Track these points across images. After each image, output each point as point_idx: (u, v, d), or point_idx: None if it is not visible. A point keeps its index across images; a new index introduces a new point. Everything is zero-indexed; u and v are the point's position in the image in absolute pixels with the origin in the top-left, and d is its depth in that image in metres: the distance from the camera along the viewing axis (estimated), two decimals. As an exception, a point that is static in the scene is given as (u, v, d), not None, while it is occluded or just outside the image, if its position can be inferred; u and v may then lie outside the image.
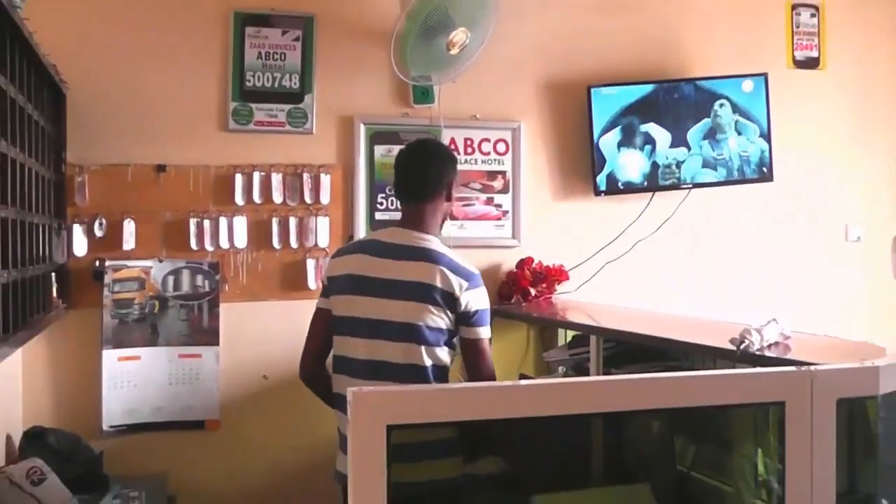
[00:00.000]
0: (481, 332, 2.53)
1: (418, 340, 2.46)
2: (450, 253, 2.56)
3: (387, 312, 2.48)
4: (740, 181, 4.06)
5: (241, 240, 3.55)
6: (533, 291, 3.78)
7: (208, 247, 3.52)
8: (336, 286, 2.60)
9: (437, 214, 2.64)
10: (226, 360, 3.53)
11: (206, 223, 3.52)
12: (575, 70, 3.97)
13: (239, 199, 3.55)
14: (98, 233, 3.41)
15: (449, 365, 2.56)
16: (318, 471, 3.32)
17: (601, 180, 3.92)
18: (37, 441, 3.01)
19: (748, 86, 4.04)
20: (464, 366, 2.60)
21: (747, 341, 2.15)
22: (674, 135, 3.97)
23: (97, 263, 3.41)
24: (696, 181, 4.01)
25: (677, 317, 3.40)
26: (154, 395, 3.45)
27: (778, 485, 1.59)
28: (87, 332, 3.40)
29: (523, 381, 2.59)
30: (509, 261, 3.87)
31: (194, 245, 3.50)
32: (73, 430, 3.21)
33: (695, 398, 1.58)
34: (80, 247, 3.39)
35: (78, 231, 3.39)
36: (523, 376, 3.73)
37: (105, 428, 3.39)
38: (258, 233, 3.59)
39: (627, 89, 3.94)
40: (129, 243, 3.43)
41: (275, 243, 3.59)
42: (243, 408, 3.55)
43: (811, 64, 4.34)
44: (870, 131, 4.22)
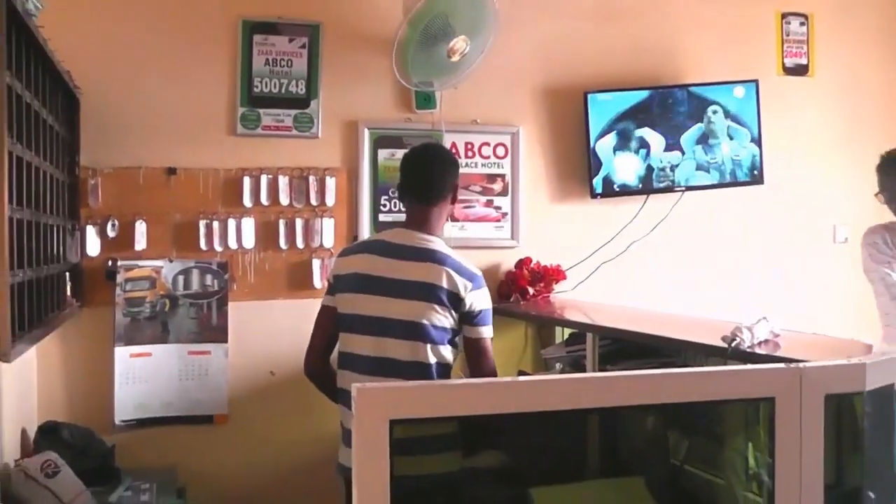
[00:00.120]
0: (484, 332, 2.54)
1: (423, 339, 2.47)
2: (454, 254, 2.56)
3: (393, 311, 2.49)
4: (732, 184, 4.06)
5: (249, 240, 3.56)
6: (531, 290, 3.78)
7: (217, 247, 3.52)
8: (342, 285, 2.60)
9: (442, 216, 2.64)
10: (234, 356, 3.53)
11: (215, 224, 3.52)
12: (572, 77, 3.97)
13: (247, 201, 3.56)
14: (110, 233, 3.41)
15: (452, 363, 2.57)
16: (323, 463, 3.31)
17: (597, 183, 3.92)
18: (51, 435, 3.01)
19: (740, 92, 4.04)
20: (466, 363, 2.60)
21: (738, 339, 2.15)
22: (668, 139, 3.97)
23: (110, 263, 3.42)
24: (690, 184, 4.01)
25: (671, 315, 3.40)
26: (164, 391, 3.45)
27: (768, 478, 1.59)
28: (100, 329, 3.41)
29: (522, 378, 2.59)
30: (508, 261, 3.88)
31: (204, 245, 3.50)
32: (87, 424, 3.20)
33: (688, 394, 1.58)
34: (94, 247, 3.39)
35: (91, 232, 3.39)
36: (522, 373, 3.72)
37: (117, 422, 3.39)
38: (265, 234, 3.59)
39: (623, 95, 3.94)
40: (140, 244, 3.44)
41: (281, 244, 3.59)
42: (251, 403, 3.56)
43: (800, 71, 4.34)
44: (856, 136, 4.22)
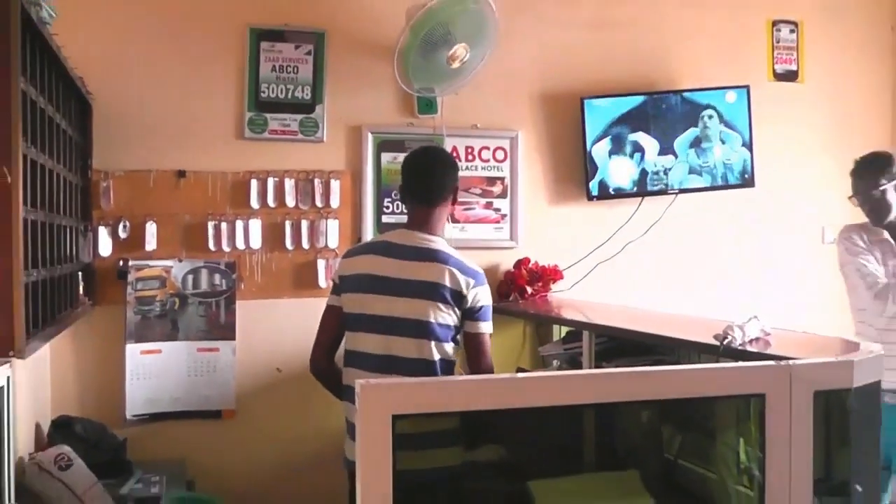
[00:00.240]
0: (483, 327, 2.54)
1: (428, 336, 2.47)
2: (456, 254, 2.56)
3: (398, 310, 2.48)
4: (724, 187, 4.06)
5: (256, 241, 3.56)
6: (529, 290, 3.78)
7: (225, 248, 3.52)
8: (348, 285, 2.59)
9: (443, 217, 2.64)
10: (241, 353, 3.53)
11: (224, 225, 3.52)
12: (569, 83, 3.97)
13: (254, 202, 3.56)
14: (122, 234, 3.42)
15: (455, 360, 2.56)
16: (327, 457, 3.32)
17: (593, 186, 3.92)
18: (64, 429, 3.01)
19: (731, 97, 4.04)
20: (465, 359, 2.60)
21: (730, 337, 2.14)
22: (662, 143, 3.97)
23: (121, 263, 3.42)
24: (683, 187, 4.01)
25: (664, 314, 3.39)
26: (174, 387, 3.46)
27: (758, 472, 1.59)
28: (112, 327, 3.41)
29: (520, 374, 2.58)
30: (507, 261, 3.88)
31: (212, 246, 3.51)
32: (99, 418, 3.21)
33: (681, 390, 1.58)
34: (105, 247, 3.40)
35: (103, 232, 3.39)
36: (520, 369, 3.72)
37: (128, 417, 3.40)
38: (272, 235, 3.59)
39: (618, 101, 3.94)
40: (150, 244, 3.44)
41: (287, 244, 3.59)
42: (257, 398, 3.56)
43: (790, 77, 4.33)
44: (845, 140, 4.21)
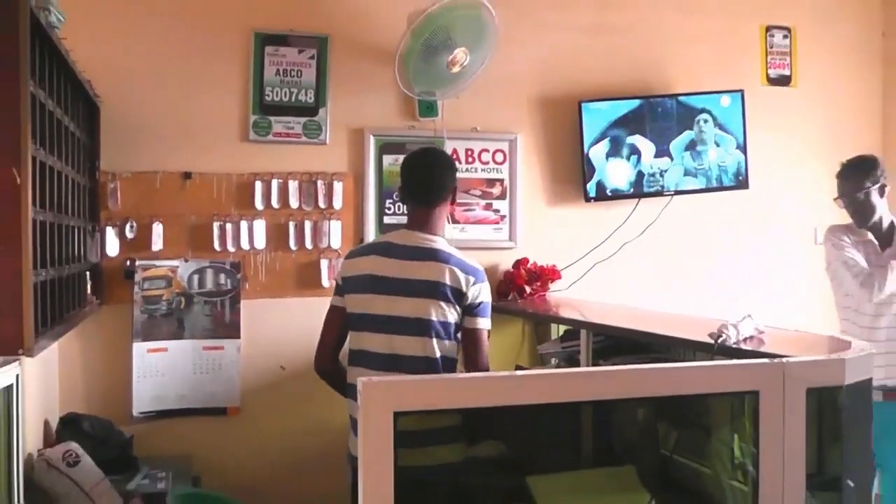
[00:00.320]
0: (481, 323, 2.52)
1: (430, 334, 2.46)
2: (456, 252, 2.55)
3: (401, 309, 2.48)
4: (718, 189, 4.06)
5: (261, 241, 3.56)
6: (528, 289, 3.78)
7: (230, 248, 3.52)
8: (351, 286, 2.58)
9: (442, 217, 2.64)
10: (246, 351, 3.53)
11: (229, 226, 3.52)
12: (567, 87, 3.97)
13: (258, 204, 3.56)
14: (129, 235, 3.42)
15: (457, 357, 2.56)
16: (329, 453, 3.32)
17: (591, 187, 3.92)
18: (72, 426, 3.02)
19: (726, 101, 4.04)
20: (462, 355, 2.59)
21: (724, 335, 2.14)
22: (658, 146, 3.97)
23: (128, 263, 3.42)
24: (679, 189, 4.01)
25: (660, 313, 3.39)
26: (180, 384, 3.46)
27: (752, 467, 1.59)
28: (119, 326, 3.41)
29: (519, 372, 2.59)
30: (506, 261, 3.88)
31: (217, 246, 3.51)
32: (106, 415, 3.21)
33: (677, 388, 1.58)
34: (113, 247, 3.40)
35: (110, 233, 3.39)
36: (519, 367, 3.72)
37: (135, 414, 3.40)
38: (276, 235, 3.59)
39: (615, 104, 3.94)
40: (157, 244, 3.44)
41: (291, 245, 3.59)
42: (262, 395, 3.56)
43: (783, 81, 4.33)
44: (836, 142, 4.21)
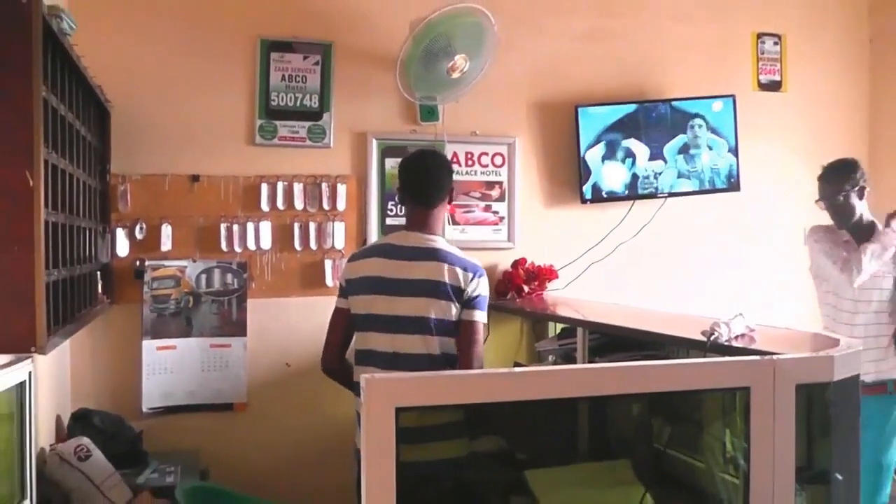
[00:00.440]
0: (477, 315, 2.50)
1: (431, 332, 2.46)
2: (455, 250, 2.55)
3: (403, 308, 2.48)
4: (711, 191, 4.07)
5: (266, 242, 3.56)
6: (526, 289, 3.78)
7: (237, 248, 3.53)
8: (354, 288, 2.58)
9: (441, 217, 2.65)
10: (252, 349, 3.54)
11: (235, 227, 3.53)
12: (564, 92, 3.97)
13: (264, 205, 3.56)
14: (139, 236, 3.42)
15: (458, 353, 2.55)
16: (334, 447, 3.33)
17: (587, 190, 3.92)
18: (83, 421, 3.02)
19: (718, 106, 4.04)
20: (457, 349, 2.52)
21: (717, 333, 2.14)
22: (652, 149, 3.98)
23: (138, 263, 3.42)
24: (672, 191, 4.01)
25: (654, 311, 3.39)
26: (188, 381, 3.46)
27: (744, 461, 1.59)
28: (129, 324, 3.41)
29: (518, 369, 2.58)
30: (505, 261, 3.88)
31: (224, 247, 3.51)
32: (116, 411, 3.22)
33: (670, 384, 1.58)
34: (123, 248, 3.40)
35: (121, 234, 3.40)
36: (517, 364, 3.73)
37: (144, 410, 3.40)
38: (281, 236, 3.59)
39: (611, 109, 3.94)
40: (166, 245, 3.44)
41: (296, 245, 3.60)
42: (268, 391, 3.56)
43: (774, 87, 4.34)
44: (824, 146, 4.20)
